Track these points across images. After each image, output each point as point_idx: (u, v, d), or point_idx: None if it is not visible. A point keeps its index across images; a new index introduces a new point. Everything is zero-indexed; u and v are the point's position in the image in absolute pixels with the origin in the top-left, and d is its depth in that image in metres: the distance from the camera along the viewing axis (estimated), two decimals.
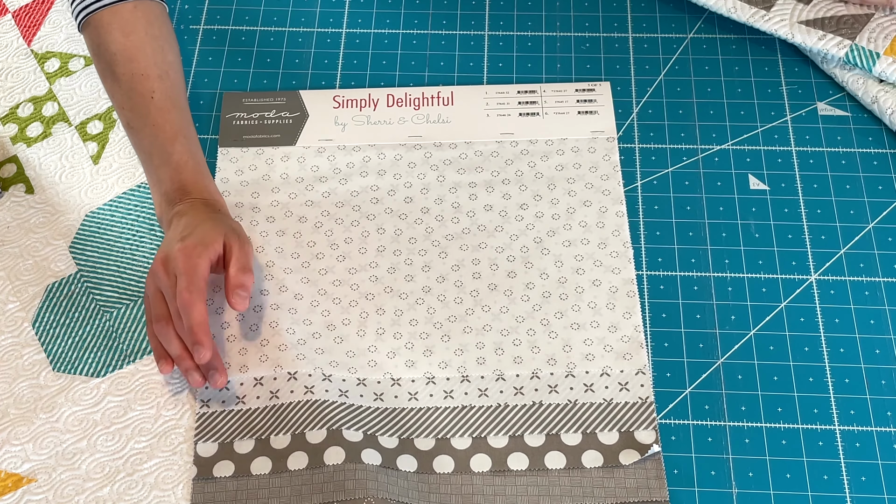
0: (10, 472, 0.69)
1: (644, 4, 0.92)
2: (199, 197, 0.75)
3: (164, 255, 0.71)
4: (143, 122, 0.77)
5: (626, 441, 0.69)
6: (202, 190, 0.76)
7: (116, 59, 0.77)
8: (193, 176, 0.76)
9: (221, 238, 0.71)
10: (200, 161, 0.77)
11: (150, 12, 0.79)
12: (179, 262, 0.69)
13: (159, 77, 0.77)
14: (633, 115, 0.85)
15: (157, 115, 0.77)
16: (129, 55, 0.77)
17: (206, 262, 0.69)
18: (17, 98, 0.87)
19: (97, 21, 0.78)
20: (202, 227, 0.71)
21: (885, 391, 0.71)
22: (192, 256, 0.69)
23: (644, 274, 0.77)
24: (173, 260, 0.69)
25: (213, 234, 0.71)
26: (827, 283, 0.76)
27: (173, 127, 0.77)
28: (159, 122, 0.76)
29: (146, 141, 0.77)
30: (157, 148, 0.76)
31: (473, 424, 0.71)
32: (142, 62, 0.77)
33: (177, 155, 0.76)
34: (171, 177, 0.75)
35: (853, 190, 0.80)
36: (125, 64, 0.77)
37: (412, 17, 0.92)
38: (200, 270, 0.69)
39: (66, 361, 0.73)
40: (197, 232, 0.71)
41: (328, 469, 0.67)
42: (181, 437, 0.70)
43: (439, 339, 0.74)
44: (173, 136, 0.76)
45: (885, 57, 0.82)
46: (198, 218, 0.72)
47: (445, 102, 0.86)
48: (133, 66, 0.77)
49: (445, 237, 0.79)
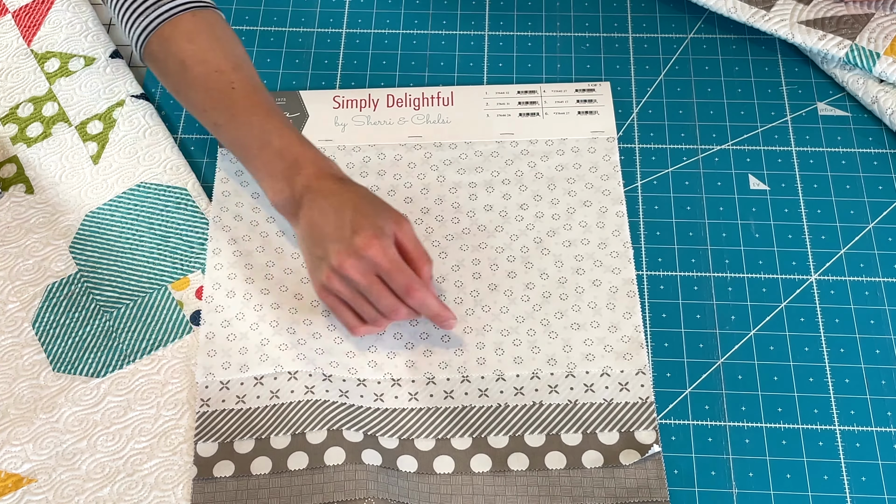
0: (10, 472, 0.69)
1: (644, 4, 0.92)
2: (314, 168, 0.73)
3: (346, 255, 0.69)
4: (231, 114, 0.75)
5: (627, 441, 0.69)
6: (314, 159, 0.74)
7: (187, 64, 0.75)
8: (301, 148, 0.74)
9: (386, 223, 0.70)
10: (300, 134, 0.75)
11: (209, 18, 0.77)
12: (378, 260, 0.69)
13: (234, 69, 0.76)
14: (633, 115, 0.85)
15: (244, 102, 0.75)
16: (199, 58, 0.75)
17: (392, 251, 0.70)
18: (17, 98, 0.87)
19: (159, 38, 0.76)
20: (364, 215, 0.70)
21: (885, 391, 0.71)
22: (385, 254, 0.69)
23: (644, 274, 0.77)
24: (366, 258, 0.69)
25: (376, 222, 0.70)
26: (827, 283, 0.76)
27: (263, 109, 0.75)
28: (248, 109, 0.75)
29: (240, 132, 0.75)
30: (254, 134, 0.74)
31: (473, 424, 0.71)
32: (213, 61, 0.75)
33: (277, 133, 0.74)
34: (280, 155, 0.73)
35: (853, 190, 0.80)
36: (197, 66, 0.75)
37: (412, 17, 0.92)
38: (402, 264, 0.69)
39: (66, 361, 0.73)
40: (366, 221, 0.70)
41: (328, 469, 0.67)
42: (181, 437, 0.70)
43: (439, 339, 0.74)
44: (266, 118, 0.74)
45: (886, 57, 0.82)
46: (346, 200, 0.71)
47: (445, 102, 0.86)
48: (205, 66, 0.75)
49: (445, 237, 0.79)
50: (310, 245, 0.72)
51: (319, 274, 0.71)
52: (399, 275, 0.69)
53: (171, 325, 0.75)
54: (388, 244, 0.69)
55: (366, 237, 0.69)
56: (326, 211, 0.71)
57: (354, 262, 0.69)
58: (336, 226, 0.70)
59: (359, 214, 0.70)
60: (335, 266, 0.70)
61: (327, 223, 0.70)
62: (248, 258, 0.77)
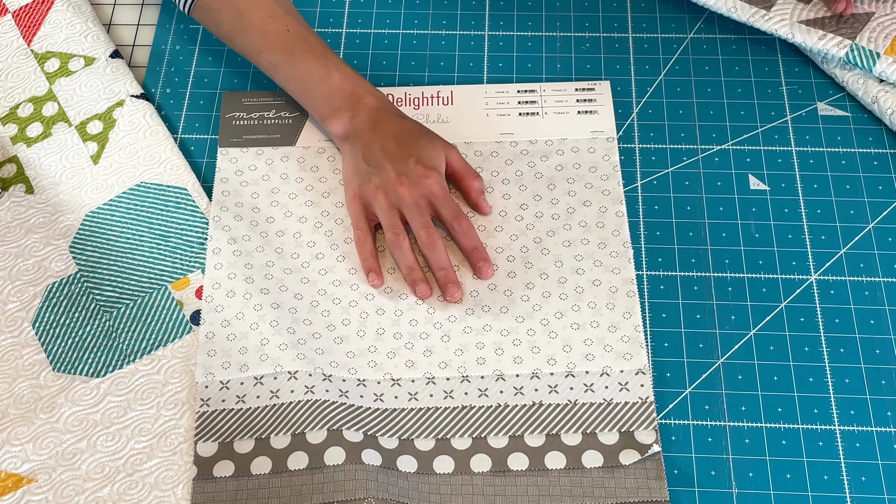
0: (10, 472, 0.69)
1: (644, 4, 0.92)
2: (373, 100, 0.79)
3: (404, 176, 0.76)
4: (289, 54, 0.80)
5: (626, 441, 0.69)
6: (373, 92, 0.80)
7: (241, 10, 0.81)
8: (359, 81, 0.80)
9: (442, 156, 0.78)
10: (355, 71, 0.81)
11: None
12: (434, 189, 0.76)
13: (286, 13, 0.81)
14: (633, 115, 0.85)
15: (300, 43, 0.80)
16: (253, 4, 0.81)
17: (446, 184, 0.77)
18: (17, 98, 0.87)
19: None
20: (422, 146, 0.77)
21: (885, 391, 0.71)
22: (440, 185, 0.76)
23: (644, 274, 0.77)
24: (422, 185, 0.76)
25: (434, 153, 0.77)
26: (827, 283, 0.76)
27: (319, 48, 0.80)
28: (304, 49, 0.80)
29: (298, 68, 0.80)
30: (313, 70, 0.79)
31: (473, 424, 0.71)
32: (266, 6, 0.81)
33: (335, 68, 0.79)
34: (340, 87, 0.79)
35: (853, 190, 0.80)
36: (252, 12, 0.80)
37: (412, 17, 0.92)
38: (448, 193, 0.77)
39: (66, 361, 0.73)
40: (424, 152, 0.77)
41: (328, 469, 0.67)
42: (181, 437, 0.70)
43: (439, 339, 0.74)
44: (323, 56, 0.80)
45: (886, 57, 0.82)
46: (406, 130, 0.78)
47: (445, 102, 0.86)
48: (260, 11, 0.80)
49: (445, 237, 0.79)
50: (362, 159, 0.77)
51: (365, 184, 0.77)
52: (450, 203, 0.76)
53: (171, 324, 0.75)
54: (441, 177, 0.77)
55: (424, 168, 0.76)
56: (386, 137, 0.77)
57: (410, 187, 0.75)
58: (396, 150, 0.77)
59: (417, 145, 0.77)
60: (390, 180, 0.76)
61: (387, 146, 0.77)
62: (248, 258, 0.77)
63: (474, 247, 0.76)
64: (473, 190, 0.79)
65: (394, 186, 0.76)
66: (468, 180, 0.79)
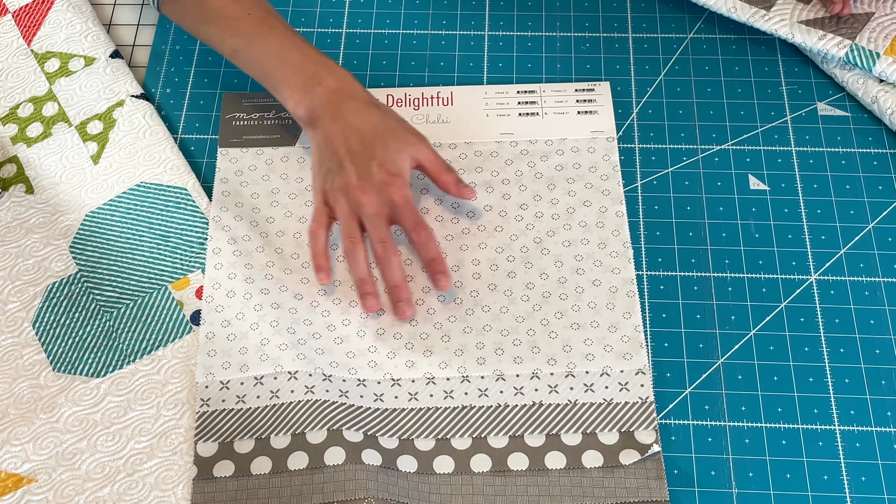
0: (10, 472, 0.69)
1: (644, 4, 0.92)
2: (335, 82, 0.76)
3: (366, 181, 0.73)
4: (249, 38, 0.78)
5: (626, 441, 0.69)
6: (335, 72, 0.77)
7: (203, 1, 0.80)
8: (321, 61, 0.77)
9: (408, 158, 0.75)
10: (319, 50, 0.79)
11: None
12: (395, 198, 0.73)
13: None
14: (633, 115, 0.85)
15: (261, 26, 0.79)
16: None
17: (409, 191, 0.74)
18: (17, 98, 0.87)
19: None
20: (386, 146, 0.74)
21: (885, 391, 0.71)
22: (403, 193, 0.73)
23: (644, 274, 0.77)
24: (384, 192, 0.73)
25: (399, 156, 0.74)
26: (827, 283, 0.76)
27: (280, 30, 0.79)
28: (265, 31, 0.78)
29: (259, 52, 0.78)
30: (274, 52, 0.78)
31: (473, 424, 0.71)
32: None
33: (295, 48, 0.78)
34: (300, 67, 0.77)
35: (853, 190, 0.80)
36: (214, 1, 0.80)
37: (412, 17, 0.92)
38: (413, 204, 0.74)
39: (66, 361, 0.73)
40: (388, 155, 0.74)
41: (328, 469, 0.67)
42: (181, 437, 0.70)
43: (439, 339, 0.74)
44: (284, 37, 0.78)
45: (885, 57, 0.82)
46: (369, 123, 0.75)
47: (445, 103, 0.86)
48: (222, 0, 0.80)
49: (445, 237, 0.79)
50: (325, 156, 0.76)
51: (328, 182, 0.75)
52: (411, 213, 0.74)
53: (171, 325, 0.75)
54: (404, 183, 0.74)
55: (387, 174, 0.73)
56: (349, 130, 0.75)
57: (371, 196, 0.73)
58: (360, 149, 0.74)
59: (382, 145, 0.74)
60: (352, 184, 0.74)
61: (351, 142, 0.74)
62: (248, 258, 0.77)
63: (432, 258, 0.75)
64: (450, 184, 0.76)
65: (355, 192, 0.74)
66: (441, 176, 0.76)
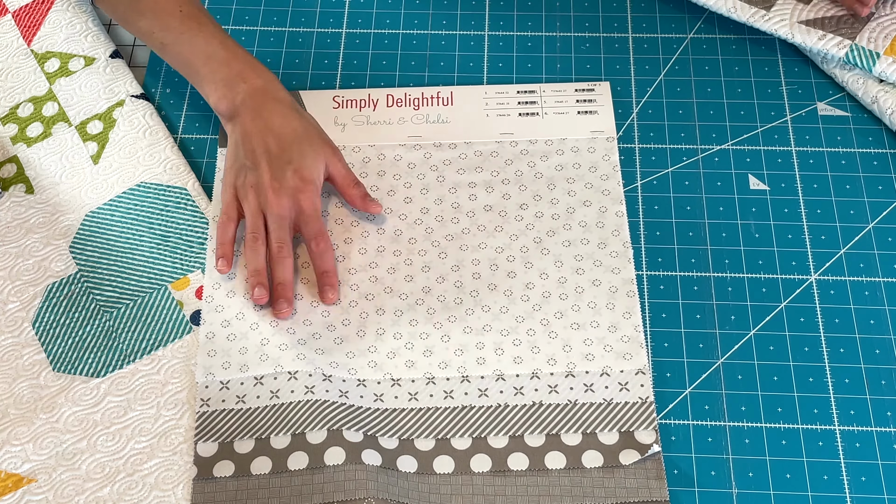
0: (10, 472, 0.69)
1: (644, 4, 0.92)
2: (259, 81, 0.78)
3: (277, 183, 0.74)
4: (179, 33, 0.80)
5: (626, 441, 0.69)
6: (260, 73, 0.79)
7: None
8: (246, 60, 0.79)
9: (322, 167, 0.77)
10: (246, 50, 0.81)
11: None
12: (304, 205, 0.75)
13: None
14: (633, 115, 0.85)
15: (191, 23, 0.80)
16: None
17: (319, 200, 0.76)
18: (17, 98, 0.87)
19: None
20: (303, 153, 0.76)
21: (885, 391, 0.71)
22: (312, 201, 0.75)
23: (644, 274, 0.77)
24: (294, 198, 0.75)
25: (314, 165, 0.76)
26: (827, 283, 0.76)
27: (209, 28, 0.80)
28: (195, 28, 0.80)
29: (186, 47, 0.80)
30: (201, 48, 0.79)
31: (473, 424, 0.71)
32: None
33: (222, 46, 0.79)
34: (226, 64, 0.78)
35: (853, 190, 0.80)
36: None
37: (412, 17, 0.92)
38: (320, 216, 0.76)
39: (66, 361, 0.73)
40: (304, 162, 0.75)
41: (328, 469, 0.67)
42: (181, 437, 0.70)
43: (439, 339, 0.74)
44: (212, 35, 0.80)
45: (885, 57, 0.82)
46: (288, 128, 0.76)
47: (445, 102, 0.86)
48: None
49: (445, 237, 0.79)
50: (241, 152, 0.77)
51: (241, 178, 0.76)
52: (316, 222, 0.75)
53: (171, 324, 0.75)
54: (315, 192, 0.75)
55: (300, 180, 0.75)
56: (268, 131, 0.76)
57: (282, 199, 0.74)
58: (277, 152, 0.75)
59: (299, 152, 0.75)
60: (264, 184, 0.75)
61: (268, 143, 0.76)
62: None
63: (324, 270, 0.75)
64: (356, 198, 0.78)
65: (265, 191, 0.75)
66: (349, 189, 0.78)
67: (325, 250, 0.75)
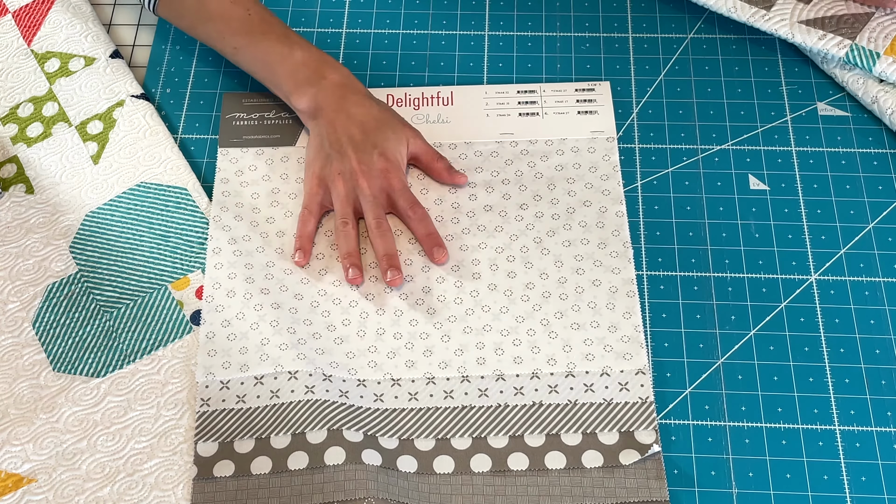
0: (10, 472, 0.69)
1: (644, 4, 0.92)
2: (338, 76, 0.80)
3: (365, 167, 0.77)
4: (251, 36, 0.81)
5: (626, 441, 0.69)
6: (338, 69, 0.80)
7: (203, 0, 0.82)
8: (323, 59, 0.80)
9: (405, 148, 0.80)
10: (319, 49, 0.82)
11: None
12: (393, 183, 0.78)
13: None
14: (633, 115, 0.85)
15: (262, 25, 0.81)
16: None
17: (405, 177, 0.79)
18: (17, 98, 0.87)
19: None
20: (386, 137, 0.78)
21: (885, 391, 0.71)
22: (400, 179, 0.78)
23: (644, 274, 0.77)
24: (382, 178, 0.77)
25: (397, 147, 0.79)
26: (827, 283, 0.76)
27: (281, 29, 0.82)
28: (267, 30, 0.81)
29: (261, 49, 0.81)
30: (276, 49, 0.80)
31: (473, 424, 0.71)
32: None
33: (298, 46, 0.80)
34: (304, 63, 0.80)
35: (853, 190, 0.80)
36: (213, 1, 0.82)
37: (412, 17, 0.92)
38: (407, 186, 0.78)
39: (66, 361, 0.73)
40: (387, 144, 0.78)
41: (328, 469, 0.67)
42: (181, 437, 0.70)
43: (439, 339, 0.74)
44: (285, 36, 0.81)
45: (886, 57, 0.82)
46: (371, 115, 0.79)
47: (445, 102, 0.86)
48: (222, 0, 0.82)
49: (445, 237, 0.79)
50: (326, 141, 0.78)
51: (327, 167, 0.78)
52: (408, 194, 0.78)
53: (171, 324, 0.75)
54: (401, 171, 0.79)
55: (386, 161, 0.77)
56: (351, 120, 0.78)
57: (370, 179, 0.77)
58: (361, 138, 0.78)
59: (382, 136, 0.78)
60: (352, 169, 0.77)
61: (352, 131, 0.78)
62: (248, 258, 0.77)
63: (428, 232, 0.77)
64: (442, 171, 0.80)
65: (355, 176, 0.77)
66: (433, 164, 0.80)
67: (423, 216, 0.77)
